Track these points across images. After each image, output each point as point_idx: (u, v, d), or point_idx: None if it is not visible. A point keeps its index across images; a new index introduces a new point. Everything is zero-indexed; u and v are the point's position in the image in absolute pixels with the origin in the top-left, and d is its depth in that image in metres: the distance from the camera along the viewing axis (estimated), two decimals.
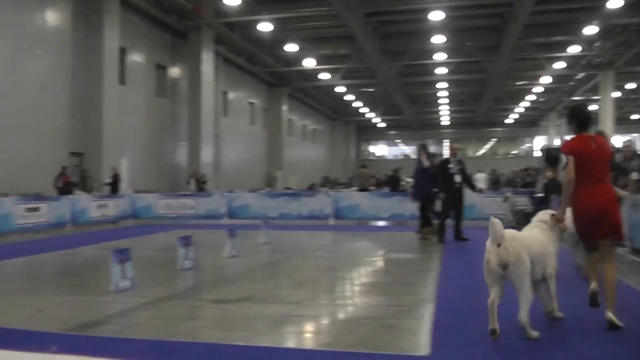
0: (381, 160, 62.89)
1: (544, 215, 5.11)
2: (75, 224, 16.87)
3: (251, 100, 35.23)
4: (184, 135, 26.87)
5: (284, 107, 38.39)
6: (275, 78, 36.51)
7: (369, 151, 66.51)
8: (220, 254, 9.71)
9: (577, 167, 4.88)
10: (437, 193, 11.38)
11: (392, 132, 62.78)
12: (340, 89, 39.19)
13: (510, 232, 4.67)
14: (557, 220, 4.97)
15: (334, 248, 11.71)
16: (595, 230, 4.87)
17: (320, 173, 46.87)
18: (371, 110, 49.63)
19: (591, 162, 4.88)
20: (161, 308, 5.84)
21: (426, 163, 12.02)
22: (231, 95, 32.13)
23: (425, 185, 11.92)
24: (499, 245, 4.56)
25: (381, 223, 17.37)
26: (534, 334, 4.49)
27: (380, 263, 9.43)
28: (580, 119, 5.05)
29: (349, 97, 43.73)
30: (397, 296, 6.37)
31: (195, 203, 19.16)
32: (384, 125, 57.88)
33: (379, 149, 71.10)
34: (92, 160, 20.57)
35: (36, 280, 7.88)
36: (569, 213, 5.08)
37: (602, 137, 5.34)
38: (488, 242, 4.62)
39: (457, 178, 11.33)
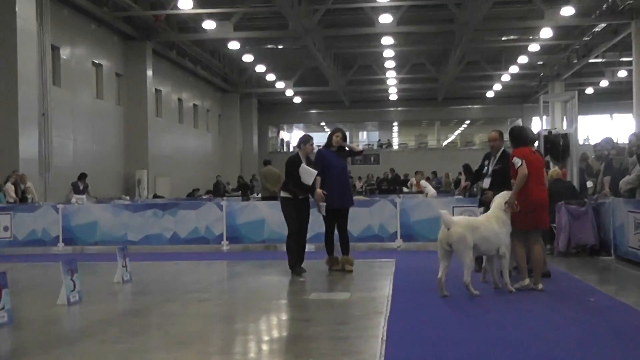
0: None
1: (500, 199, 10.01)
2: None
3: (98, 61, 34.50)
4: None
5: (149, 73, 37.90)
6: (134, 27, 35.98)
7: (278, 139, 66.81)
8: (53, 300, 9.47)
9: (528, 170, 9.89)
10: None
11: (314, 112, 63.37)
12: (233, 45, 39.17)
13: (458, 218, 9.81)
14: (509, 205, 9.85)
15: (230, 286, 11.68)
16: (536, 219, 10.16)
17: (206, 173, 46.51)
18: (281, 78, 49.84)
19: (537, 169, 10.20)
20: None
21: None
22: (65, 53, 31.31)
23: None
24: (448, 229, 9.41)
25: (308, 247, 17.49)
26: (475, 292, 9.40)
27: (300, 307, 9.47)
28: (524, 139, 10.52)
29: (247, 58, 43.77)
30: (325, 357, 6.40)
31: (11, 221, 18.75)
32: (299, 100, 58.30)
33: (295, 136, 71.55)
34: None
35: None
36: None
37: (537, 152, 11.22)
38: (442, 227, 9.50)
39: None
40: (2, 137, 25.46)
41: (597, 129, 54.33)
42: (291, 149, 64.28)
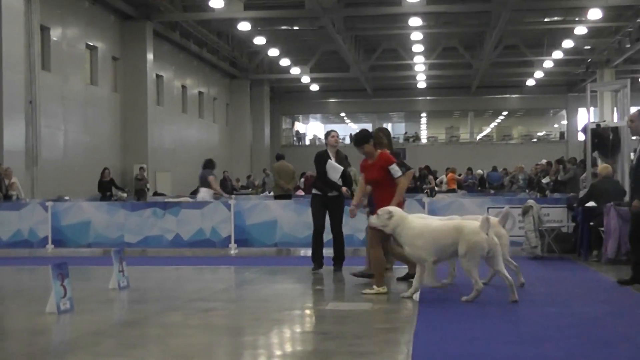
0: (314, 147, 63.17)
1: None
2: None
3: (91, 43, 34.59)
4: None
5: (149, 56, 37.98)
6: (132, 5, 36.08)
7: (293, 131, 66.89)
8: (42, 307, 9.48)
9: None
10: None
11: (332, 101, 63.38)
12: (243, 25, 39.19)
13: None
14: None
15: (238, 295, 11.67)
16: None
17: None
18: (296, 63, 49.85)
19: None
20: None
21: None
22: (55, 34, 31.42)
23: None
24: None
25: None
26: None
27: (316, 319, 9.47)
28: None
29: (258, 41, 43.79)
30: None
31: None
32: (316, 88, 58.31)
33: (311, 128, 71.62)
34: None
35: None
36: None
37: None
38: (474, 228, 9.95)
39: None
40: None
41: None
42: (307, 142, 64.38)
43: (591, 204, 15.19)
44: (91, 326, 8.79)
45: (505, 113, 66.67)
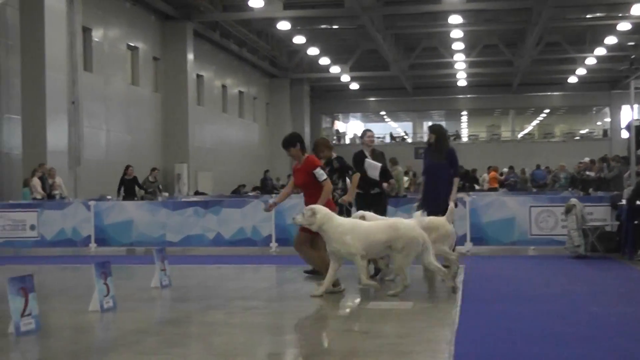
0: (354, 146, 63.05)
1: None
2: None
3: (132, 43, 34.85)
4: (16, 104, 26.28)
5: (189, 56, 38.17)
6: (173, 5, 36.27)
7: (333, 130, 66.84)
8: (85, 306, 9.57)
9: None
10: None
11: (372, 99, 63.23)
12: (283, 25, 39.21)
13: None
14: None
15: (279, 294, 11.69)
16: None
17: (253, 167, 46.70)
18: (336, 62, 49.80)
19: None
20: None
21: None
22: (97, 35, 31.69)
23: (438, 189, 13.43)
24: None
25: None
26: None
27: (357, 318, 9.45)
28: (303, 142, 11.30)
29: (298, 40, 43.81)
30: None
31: (38, 219, 18.96)
32: (356, 87, 58.23)
33: (351, 127, 71.50)
34: None
35: None
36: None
37: None
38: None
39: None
40: (29, 128, 25.82)
41: None
42: (347, 141, 64.31)
43: (631, 202, 15.03)
44: (133, 324, 8.86)
45: (547, 111, 66.06)
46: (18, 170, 25.46)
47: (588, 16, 40.24)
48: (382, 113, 66.11)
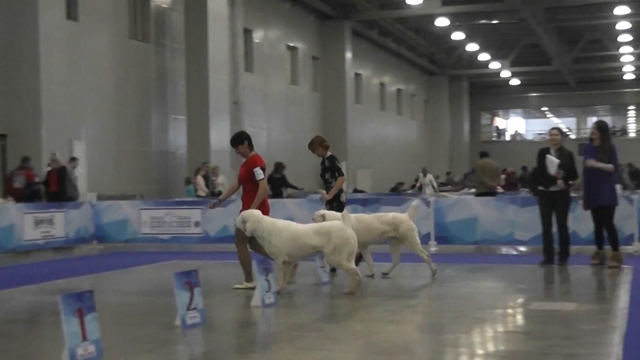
0: (515, 142, 62.22)
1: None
2: None
3: (292, 44, 35.38)
4: (181, 104, 27.14)
5: (348, 55, 38.44)
6: (331, 5, 36.58)
7: (493, 127, 66.02)
8: (246, 301, 9.84)
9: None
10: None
11: (533, 95, 62.11)
12: (441, 21, 39.02)
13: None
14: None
15: (438, 292, 11.62)
16: None
17: (411, 165, 46.63)
18: (495, 58, 49.14)
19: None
20: None
21: None
22: (258, 36, 32.32)
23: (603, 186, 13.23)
24: None
25: (519, 248, 17.29)
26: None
27: (517, 318, 9.34)
28: (250, 140, 11.62)
29: (456, 36, 43.48)
30: None
31: (202, 216, 19.39)
32: (517, 82, 57.25)
33: (512, 124, 70.42)
34: (24, 144, 21.20)
35: None
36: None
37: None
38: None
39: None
40: (193, 128, 26.68)
41: None
42: (507, 138, 63.41)
43: None
44: (294, 320, 9.02)
45: None
46: (183, 168, 26.37)
47: None
48: (544, 109, 64.85)
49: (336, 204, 12.87)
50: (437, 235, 17.76)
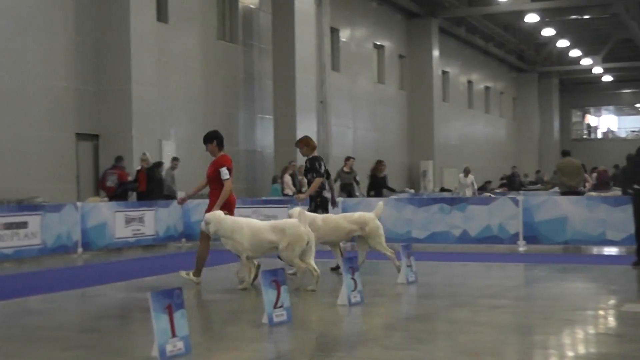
0: (607, 140, 61.08)
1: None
2: (89, 248, 17.81)
3: (378, 42, 35.35)
4: (268, 104, 27.35)
5: (435, 53, 38.27)
6: (418, 3, 36.46)
7: (584, 125, 64.99)
8: (334, 299, 9.85)
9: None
10: None
11: (626, 91, 60.93)
12: (531, 17, 38.56)
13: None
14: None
15: (527, 293, 11.54)
16: None
17: (499, 163, 46.18)
18: (587, 54, 48.35)
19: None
20: None
21: None
22: (345, 35, 32.38)
23: None
24: None
25: (610, 250, 17.01)
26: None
27: (609, 320, 9.21)
28: (220, 140, 12.21)
29: (546, 32, 42.90)
30: None
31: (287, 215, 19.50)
32: (609, 78, 56.24)
33: (604, 121, 69.19)
34: (116, 144, 21.67)
35: (22, 339, 8.24)
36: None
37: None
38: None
39: None
40: (280, 127, 26.90)
41: None
42: (599, 135, 62.37)
43: None
44: (380, 319, 9.06)
45: None
46: (270, 167, 26.58)
47: None
48: (638, 105, 63.46)
49: (320, 200, 13.37)
50: (525, 234, 17.57)
